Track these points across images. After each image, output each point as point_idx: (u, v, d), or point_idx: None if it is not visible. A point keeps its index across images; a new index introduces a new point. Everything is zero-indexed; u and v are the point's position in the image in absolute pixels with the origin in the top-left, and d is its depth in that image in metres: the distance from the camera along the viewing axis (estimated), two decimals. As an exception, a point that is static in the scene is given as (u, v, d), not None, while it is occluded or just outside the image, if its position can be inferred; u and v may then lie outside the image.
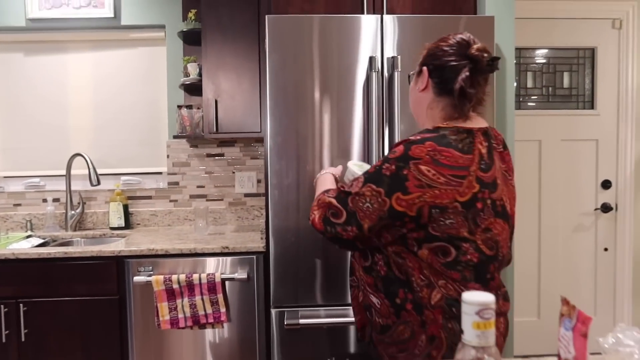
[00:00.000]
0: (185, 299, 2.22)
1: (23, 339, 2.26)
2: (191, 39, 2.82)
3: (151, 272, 2.27)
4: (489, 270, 1.18)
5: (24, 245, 2.52)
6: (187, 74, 2.77)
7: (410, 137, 1.18)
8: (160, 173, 3.01)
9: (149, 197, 2.96)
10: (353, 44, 2.09)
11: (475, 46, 1.19)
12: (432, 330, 1.16)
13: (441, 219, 1.12)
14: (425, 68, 1.26)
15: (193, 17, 2.75)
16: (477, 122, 1.24)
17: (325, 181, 1.51)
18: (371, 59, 2.05)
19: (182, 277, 2.21)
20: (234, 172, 2.96)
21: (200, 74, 2.69)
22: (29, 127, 3.00)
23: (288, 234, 2.08)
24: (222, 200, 2.95)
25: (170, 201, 2.96)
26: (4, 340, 2.25)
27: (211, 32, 2.58)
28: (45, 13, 2.90)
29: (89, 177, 2.71)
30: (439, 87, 1.23)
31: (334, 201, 1.22)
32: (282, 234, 2.08)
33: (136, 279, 2.23)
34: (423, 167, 1.11)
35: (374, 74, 2.04)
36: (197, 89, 2.75)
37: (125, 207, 2.84)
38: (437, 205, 1.12)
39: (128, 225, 2.85)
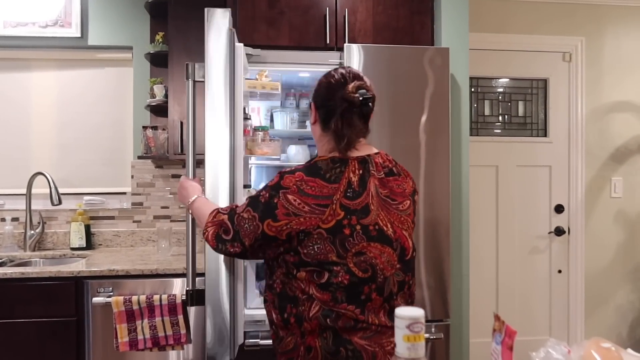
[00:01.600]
0: (145, 320, 2.21)
1: (-26, 363, 2.20)
2: (158, 61, 2.86)
3: (111, 293, 2.25)
4: (363, 291, 1.23)
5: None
6: (153, 95, 2.80)
7: (286, 170, 1.29)
8: (124, 193, 3.00)
9: (112, 218, 2.94)
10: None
11: (350, 86, 1.27)
12: (309, 341, 1.25)
13: (309, 244, 1.22)
14: (313, 103, 1.36)
15: (160, 40, 2.80)
16: (362, 151, 1.32)
17: (206, 202, 1.57)
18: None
19: (143, 298, 2.20)
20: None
21: (166, 96, 2.73)
22: (-11, 145, 2.96)
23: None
24: (184, 221, 2.95)
25: (134, 222, 2.95)
26: (-46, 363, 2.18)
27: (178, 55, 2.63)
28: (10, 31, 2.89)
29: (50, 196, 2.68)
30: (323, 123, 1.33)
31: (226, 218, 1.34)
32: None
33: (95, 300, 2.22)
34: (290, 197, 1.22)
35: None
36: (163, 110, 2.78)
37: (87, 227, 2.81)
38: (302, 231, 1.22)
39: (89, 245, 2.82)
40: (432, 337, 2.17)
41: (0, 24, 2.88)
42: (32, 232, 2.78)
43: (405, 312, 0.72)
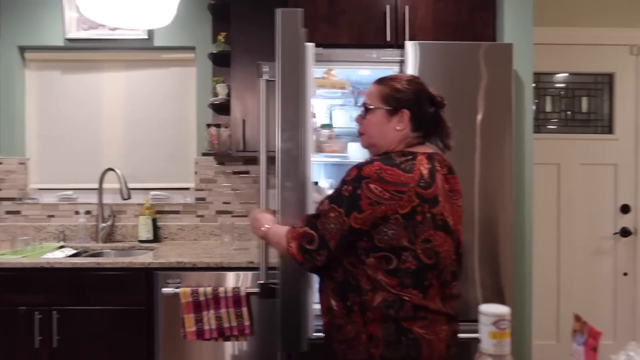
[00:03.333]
0: (211, 311, 2.30)
1: (55, 345, 2.36)
2: (220, 61, 2.95)
3: (179, 285, 2.36)
4: (426, 277, 1.32)
5: (57, 255, 2.63)
6: (215, 94, 2.90)
7: (361, 161, 1.37)
8: (187, 189, 3.13)
9: (177, 212, 3.07)
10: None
11: (431, 89, 1.44)
12: (371, 329, 1.31)
13: (384, 229, 1.29)
14: (407, 111, 1.41)
15: (223, 40, 2.88)
16: (424, 149, 1.43)
17: (281, 227, 1.56)
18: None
19: (209, 289, 2.30)
20: (259, 190, 3.05)
21: (228, 94, 2.81)
22: (63, 141, 3.15)
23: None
24: (246, 216, 3.04)
25: (197, 216, 3.06)
26: (37, 345, 2.35)
27: (240, 55, 2.71)
28: (82, 34, 3.07)
29: (120, 191, 2.83)
30: (415, 125, 1.42)
31: (307, 229, 1.37)
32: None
33: (164, 290, 2.33)
34: (372, 186, 1.29)
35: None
36: (225, 108, 2.87)
37: (154, 221, 2.95)
38: (382, 217, 1.28)
39: (156, 238, 2.96)
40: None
41: (74, 27, 3.06)
42: (104, 224, 2.95)
43: (491, 309, 0.74)
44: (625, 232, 3.21)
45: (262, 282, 1.83)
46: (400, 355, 1.29)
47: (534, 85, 2.99)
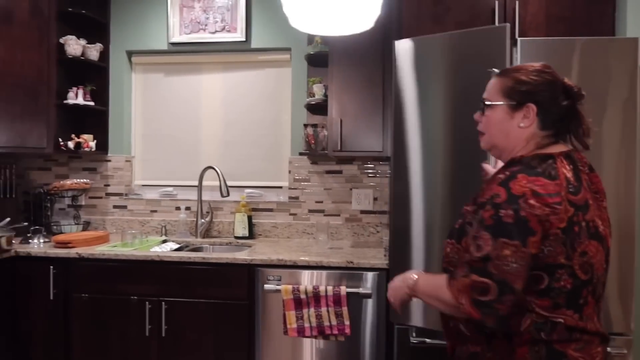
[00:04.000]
0: (312, 309, 2.32)
1: (163, 334, 2.47)
2: (316, 61, 2.98)
3: (279, 281, 2.40)
4: (582, 294, 1.17)
5: (164, 249, 2.77)
6: (311, 94, 2.92)
7: (499, 176, 1.20)
8: (280, 187, 3.18)
9: (271, 210, 3.13)
10: (484, 62, 2.10)
11: (566, 79, 1.28)
12: (519, 354, 1.17)
13: (541, 247, 1.13)
14: (532, 105, 1.25)
15: (319, 41, 2.91)
16: (559, 148, 1.26)
17: (429, 275, 1.36)
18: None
19: (310, 287, 2.32)
20: (351, 189, 3.06)
21: (325, 95, 2.83)
22: (165, 140, 3.31)
23: (409, 252, 2.12)
24: (338, 215, 3.05)
25: (290, 214, 3.11)
26: (147, 334, 2.48)
27: (338, 56, 2.72)
28: (185, 37, 3.20)
29: (219, 188, 2.93)
30: (544, 122, 1.26)
31: (475, 277, 1.13)
32: (403, 253, 2.13)
33: (266, 286, 2.38)
34: (531, 202, 1.11)
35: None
36: (320, 108, 2.89)
37: (250, 218, 3.03)
38: (544, 235, 1.12)
39: (251, 235, 3.03)
40: (613, 351, 2.01)
41: (177, 31, 3.20)
42: (203, 220, 3.06)
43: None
44: None
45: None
46: None
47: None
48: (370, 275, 2.35)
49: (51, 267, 2.57)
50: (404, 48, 2.16)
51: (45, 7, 2.89)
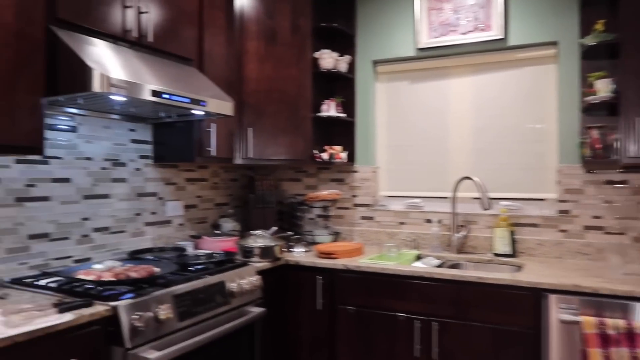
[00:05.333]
0: (623, 349, 1.92)
1: (435, 357, 2.31)
2: (594, 54, 2.56)
3: (576, 311, 2.05)
4: None
5: (426, 264, 2.62)
6: (589, 92, 2.51)
7: None
8: (542, 200, 2.81)
9: (534, 225, 2.78)
10: None
11: None
12: None
13: None
14: None
15: (601, 29, 2.48)
16: None
17: None
18: None
19: (621, 323, 1.93)
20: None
21: (615, 91, 2.39)
22: (410, 150, 3.20)
23: None
24: (624, 234, 2.56)
25: (560, 231, 2.72)
26: (416, 354, 2.34)
27: (635, 43, 2.27)
28: (433, 41, 3.05)
29: (480, 200, 2.69)
30: None
31: None
32: None
33: (562, 316, 2.05)
34: None
35: None
36: (603, 108, 2.47)
37: (511, 234, 2.72)
38: None
39: (513, 252, 2.72)
40: None
41: (425, 36, 3.06)
42: (458, 235, 2.85)
43: None
44: None
45: None
46: None
47: None
48: None
49: (318, 277, 2.61)
50: None
51: (303, 24, 3.01)
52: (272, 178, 3.36)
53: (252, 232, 2.98)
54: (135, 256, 2.47)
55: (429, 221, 3.03)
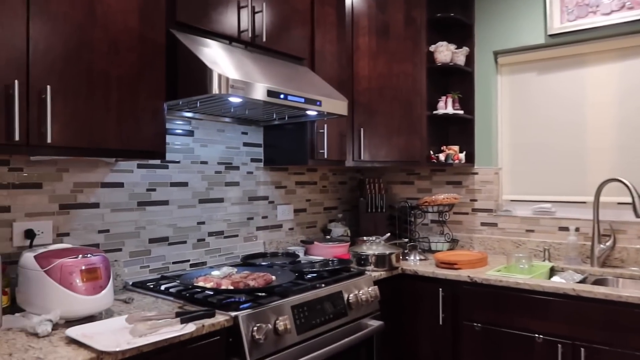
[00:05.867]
0: None
1: (582, 388, 2.00)
2: None
3: None
4: None
5: (564, 279, 2.30)
6: None
7: None
8: None
9: (701, 236, 2.34)
10: None
11: None
12: None
13: None
14: None
15: None
16: None
17: None
18: None
19: None
20: None
21: None
22: (538, 149, 2.86)
23: None
24: None
25: None
26: (559, 383, 2.04)
27: None
28: (567, 26, 2.69)
29: (633, 207, 2.31)
30: None
31: None
32: None
33: None
34: None
35: None
36: None
37: (672, 246, 2.31)
38: None
39: (675, 268, 2.31)
40: None
41: (557, 20, 2.72)
42: (602, 245, 2.48)
43: None
44: None
45: None
46: None
47: None
48: None
49: (440, 289, 2.39)
50: None
51: (417, 15, 2.80)
52: (382, 181, 3.18)
53: (364, 238, 2.84)
54: (247, 261, 2.42)
55: (563, 229, 2.67)
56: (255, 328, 1.64)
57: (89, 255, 1.55)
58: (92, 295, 1.51)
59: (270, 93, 1.89)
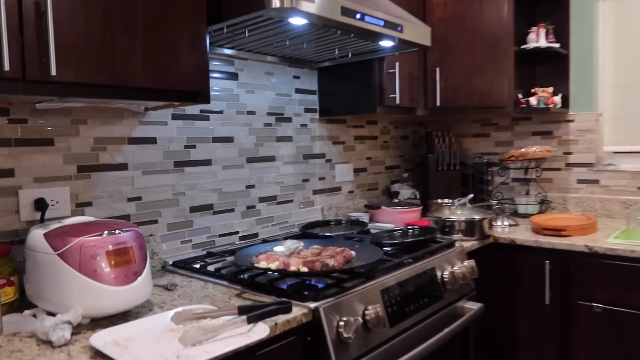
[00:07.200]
0: None
1: None
2: None
3: None
4: None
5: None
6: None
7: None
8: None
9: None
10: None
11: None
12: None
13: None
14: None
15: None
16: None
17: None
18: None
19: None
20: None
21: None
22: (650, 89, 2.33)
23: None
24: None
25: None
26: None
27: None
28: None
29: None
30: None
31: None
32: None
33: None
34: None
35: None
36: None
37: None
38: None
39: None
40: None
41: None
42: None
43: None
44: None
45: None
46: None
47: None
48: None
49: (547, 261, 1.94)
50: None
51: None
52: (452, 134, 2.70)
53: (438, 200, 2.39)
54: (307, 231, 2.00)
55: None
56: (341, 323, 1.22)
57: (117, 231, 1.14)
58: (123, 285, 1.11)
59: (344, 11, 1.41)
